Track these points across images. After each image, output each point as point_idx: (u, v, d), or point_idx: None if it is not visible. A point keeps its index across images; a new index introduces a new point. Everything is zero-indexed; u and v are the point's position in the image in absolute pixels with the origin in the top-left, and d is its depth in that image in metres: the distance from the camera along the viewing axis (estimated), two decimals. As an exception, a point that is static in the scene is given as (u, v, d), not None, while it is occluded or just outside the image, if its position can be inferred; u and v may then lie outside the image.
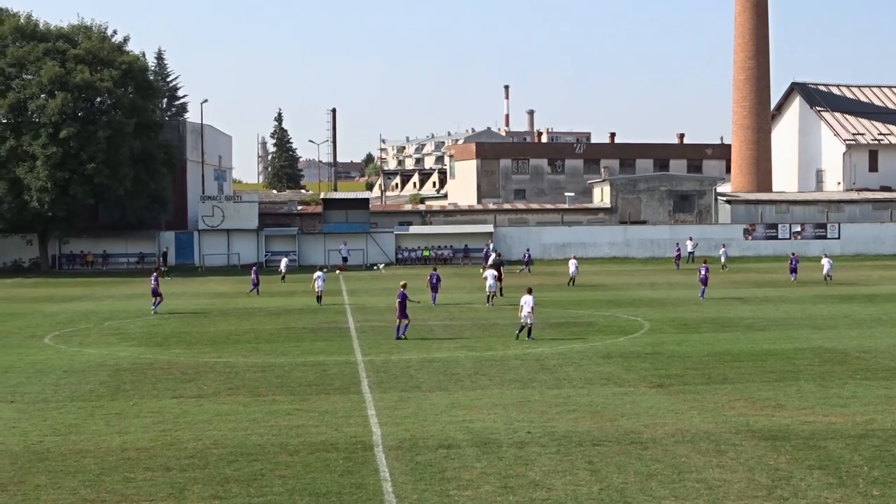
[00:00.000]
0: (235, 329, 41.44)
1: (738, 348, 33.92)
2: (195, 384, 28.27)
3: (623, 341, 36.13)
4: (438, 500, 16.73)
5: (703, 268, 53.41)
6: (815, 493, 16.90)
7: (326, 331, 40.59)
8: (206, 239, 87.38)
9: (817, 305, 48.13)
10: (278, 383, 28.23)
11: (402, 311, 37.34)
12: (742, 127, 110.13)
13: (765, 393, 25.88)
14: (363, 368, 30.60)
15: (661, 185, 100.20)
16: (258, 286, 58.27)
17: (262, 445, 20.68)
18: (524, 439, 20.92)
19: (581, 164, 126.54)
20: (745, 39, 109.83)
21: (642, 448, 20.08)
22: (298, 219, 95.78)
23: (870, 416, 22.96)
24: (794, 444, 20.31)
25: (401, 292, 37.67)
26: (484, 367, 30.63)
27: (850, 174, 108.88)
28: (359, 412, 24.03)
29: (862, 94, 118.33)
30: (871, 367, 29.86)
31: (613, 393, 26.16)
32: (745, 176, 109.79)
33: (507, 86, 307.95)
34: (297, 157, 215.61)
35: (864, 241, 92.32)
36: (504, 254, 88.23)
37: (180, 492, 17.48)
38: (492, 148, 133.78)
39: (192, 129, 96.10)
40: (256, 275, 58.75)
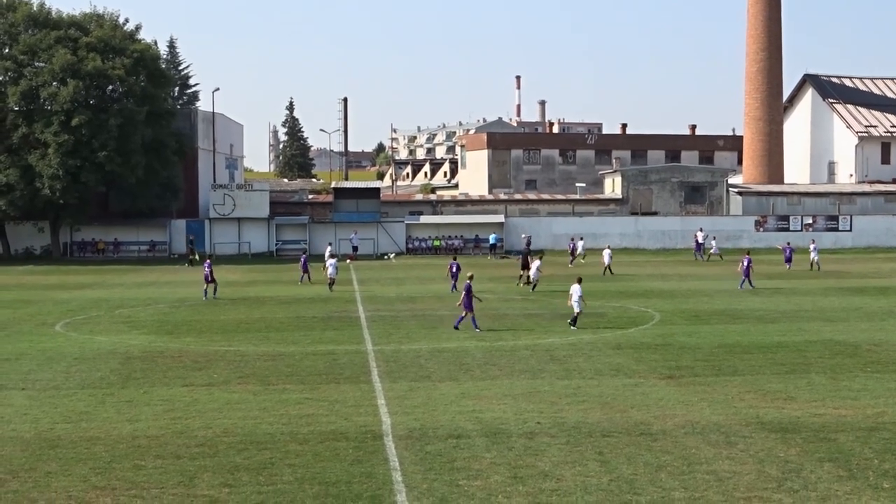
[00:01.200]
0: (246, 317, 41.49)
1: (748, 340, 33.86)
2: (206, 372, 28.32)
3: (633, 332, 36.10)
4: (448, 490, 16.75)
5: (745, 259, 53.66)
6: (825, 486, 16.88)
7: (337, 320, 40.62)
8: (217, 227, 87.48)
9: (828, 298, 48.02)
10: (288, 372, 28.27)
11: (468, 302, 37.06)
12: (754, 119, 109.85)
13: (775, 385, 25.83)
14: (373, 358, 30.62)
15: (672, 176, 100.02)
16: (309, 273, 58.28)
17: (272, 434, 20.71)
18: (534, 430, 20.92)
19: (592, 155, 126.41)
20: (757, 31, 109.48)
21: (652, 439, 20.06)
22: (309, 208, 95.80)
23: (880, 408, 22.92)
24: (804, 436, 20.28)
25: (468, 284, 37.34)
26: (494, 357, 30.63)
27: (863, 166, 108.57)
28: (369, 401, 24.04)
29: (875, 86, 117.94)
30: (881, 360, 29.79)
31: (623, 384, 26.14)
32: (757, 168, 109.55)
33: (518, 76, 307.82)
34: (308, 146, 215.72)
35: (875, 234, 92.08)
36: (515, 245, 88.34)
37: (190, 480, 17.52)
38: (503, 138, 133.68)
39: (204, 117, 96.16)
40: (306, 262, 58.76)
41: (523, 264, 57.19)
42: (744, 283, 52.65)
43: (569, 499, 16.25)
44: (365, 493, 16.63)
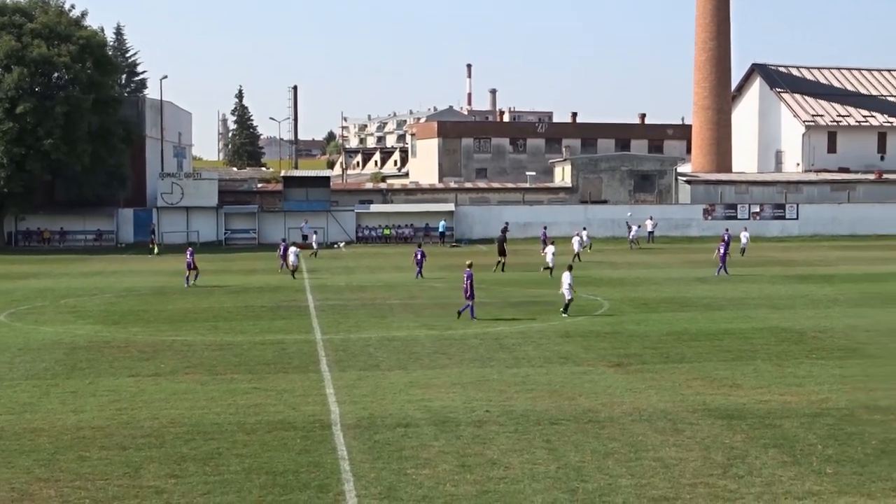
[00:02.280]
0: (194, 307, 41.21)
1: (696, 328, 34.10)
2: (152, 362, 28.10)
3: (582, 320, 36.23)
4: (396, 479, 16.72)
5: (722, 245, 54.83)
6: (770, 472, 17.02)
7: (286, 309, 40.45)
8: (164, 216, 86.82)
9: (775, 285, 48.47)
10: (236, 362, 28.11)
11: (470, 290, 36.95)
12: (703, 108, 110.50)
13: (722, 372, 26.03)
14: (322, 347, 30.52)
15: (622, 164, 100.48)
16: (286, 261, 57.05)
17: (220, 424, 20.59)
18: (482, 418, 20.94)
19: (543, 144, 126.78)
20: (706, 20, 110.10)
21: (600, 427, 20.15)
22: (259, 196, 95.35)
23: (825, 394, 23.15)
24: (749, 422, 20.45)
25: (469, 272, 37.27)
26: (443, 345, 30.64)
27: (809, 155, 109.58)
28: (317, 391, 23.96)
29: (821, 76, 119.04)
30: (826, 347, 30.11)
31: (572, 372, 26.23)
32: (706, 156, 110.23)
33: (469, 64, 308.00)
34: (257, 135, 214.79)
35: (821, 222, 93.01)
36: (465, 233, 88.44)
37: (136, 470, 17.37)
38: (453, 127, 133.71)
39: (152, 105, 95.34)
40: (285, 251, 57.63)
41: (500, 251, 58.18)
42: (720, 270, 53.48)
43: (517, 486, 16.28)
44: (312, 483, 16.57)
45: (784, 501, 15.51)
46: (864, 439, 19.05)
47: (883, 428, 19.93)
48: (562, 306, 37.74)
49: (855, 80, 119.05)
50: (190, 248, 53.48)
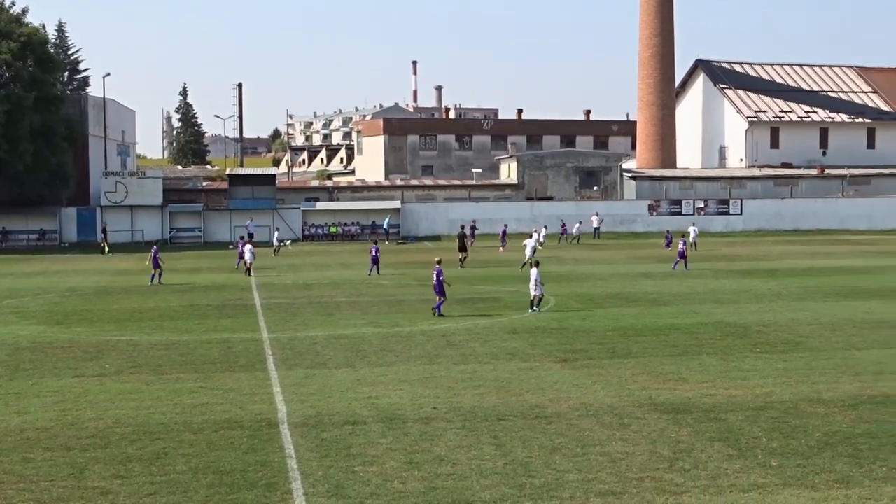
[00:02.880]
0: (139, 306, 40.87)
1: (641, 323, 34.31)
2: (97, 363, 27.83)
3: (529, 317, 36.33)
4: (343, 477, 16.68)
5: (681, 241, 55.76)
6: (716, 465, 17.16)
7: (232, 308, 40.23)
8: (109, 215, 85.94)
9: (719, 280, 48.88)
10: (182, 361, 27.91)
11: (440, 288, 36.93)
12: (647, 104, 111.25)
13: (667, 367, 26.22)
14: (269, 345, 30.39)
15: (567, 161, 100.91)
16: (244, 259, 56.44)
17: (166, 424, 20.43)
18: (430, 415, 20.94)
19: (489, 141, 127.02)
20: (649, 17, 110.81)
21: (547, 422, 20.21)
22: (204, 195, 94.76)
23: (769, 388, 23.38)
24: (695, 416, 20.60)
25: (438, 269, 37.30)
26: (390, 343, 30.61)
27: (753, 151, 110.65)
28: (264, 389, 23.85)
29: (764, 72, 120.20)
30: (770, 341, 30.41)
31: (519, 368, 26.30)
32: (651, 152, 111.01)
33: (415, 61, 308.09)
34: (202, 133, 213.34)
35: (765, 217, 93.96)
36: (412, 230, 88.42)
37: (81, 472, 17.20)
38: (399, 124, 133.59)
39: (95, 103, 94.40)
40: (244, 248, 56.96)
41: (460, 247, 59.29)
42: (677, 265, 54.18)
43: (464, 483, 16.29)
44: (260, 482, 16.49)
45: (730, 494, 15.65)
46: (808, 432, 19.26)
47: (826, 420, 20.16)
48: (528, 303, 37.81)
49: (797, 77, 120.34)
50: (155, 247, 53.24)
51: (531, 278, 37.63)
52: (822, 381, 24.23)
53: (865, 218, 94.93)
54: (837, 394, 22.66)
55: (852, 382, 24.00)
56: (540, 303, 37.66)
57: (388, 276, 52.82)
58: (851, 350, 28.74)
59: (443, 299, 37.05)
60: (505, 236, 74.72)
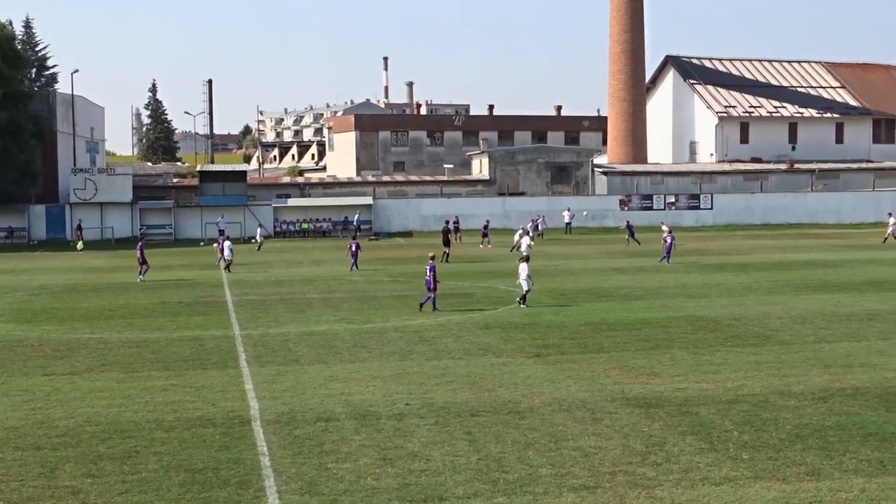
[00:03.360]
0: (109, 304, 40.66)
1: (613, 317, 34.40)
2: (67, 361, 27.67)
3: (501, 312, 36.38)
4: (316, 474, 16.65)
5: (669, 236, 55.98)
6: (688, 458, 17.23)
7: (203, 305, 40.08)
8: (78, 212, 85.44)
9: (690, 274, 49.06)
10: (153, 359, 27.79)
11: (433, 282, 36.97)
12: (618, 99, 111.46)
13: (639, 361, 26.30)
14: (240, 343, 30.29)
15: (538, 157, 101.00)
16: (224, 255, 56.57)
17: (137, 422, 20.33)
18: (403, 411, 20.93)
19: (460, 137, 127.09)
20: (620, 13, 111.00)
21: (520, 417, 20.24)
22: (174, 192, 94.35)
23: (740, 381, 23.49)
24: (667, 410, 20.68)
25: (432, 264, 37.44)
26: (363, 339, 30.57)
27: (723, 146, 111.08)
28: (236, 387, 23.78)
29: (733, 67, 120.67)
30: (741, 335, 30.55)
31: (491, 363, 26.32)
32: (622, 148, 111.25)
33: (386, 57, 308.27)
34: (172, 129, 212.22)
35: (735, 212, 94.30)
36: (384, 226, 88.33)
37: (52, 471, 17.09)
38: (370, 120, 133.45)
39: (63, 99, 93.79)
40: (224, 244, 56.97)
41: (444, 241, 60.52)
42: (664, 259, 54.81)
43: (438, 479, 16.30)
44: (232, 480, 16.44)
45: (702, 488, 15.72)
46: (779, 425, 19.37)
47: (796, 413, 20.28)
48: (518, 297, 37.89)
49: (766, 72, 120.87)
50: (140, 243, 53.09)
51: (521, 273, 37.59)
52: (793, 374, 24.38)
53: (834, 212, 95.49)
54: (808, 387, 22.80)
55: (822, 375, 24.16)
56: (525, 298, 37.65)
57: (360, 272, 52.76)
58: (821, 343, 28.93)
59: (433, 294, 37.04)
60: (487, 231, 74.39)
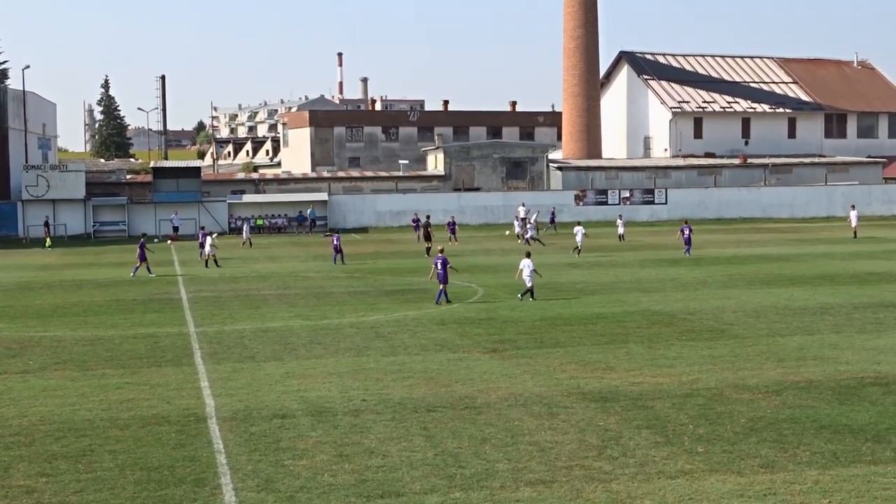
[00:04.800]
0: (62, 302, 40.32)
1: (569, 312, 34.52)
2: (20, 359, 27.40)
3: (457, 307, 36.40)
4: (273, 471, 16.60)
5: (685, 228, 57.24)
6: (644, 452, 17.32)
7: (158, 302, 39.83)
8: (30, 209, 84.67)
9: (645, 269, 49.31)
10: (108, 356, 27.58)
11: (444, 275, 37.23)
12: (572, 95, 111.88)
13: (595, 355, 26.41)
14: (196, 340, 30.13)
15: (493, 152, 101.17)
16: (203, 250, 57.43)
17: (91, 420, 20.17)
18: (359, 407, 20.90)
19: (415, 132, 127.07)
20: (573, 8, 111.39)
21: (476, 413, 20.27)
22: (128, 188, 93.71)
23: (695, 375, 23.64)
24: (623, 404, 20.78)
25: (443, 258, 37.81)
26: (319, 335, 30.50)
27: (676, 141, 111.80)
28: (192, 384, 23.65)
29: (687, 63, 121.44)
30: (696, 329, 30.75)
31: (448, 359, 26.34)
32: (576, 143, 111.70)
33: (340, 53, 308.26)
34: (125, 125, 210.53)
35: (689, 206, 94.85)
36: (339, 222, 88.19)
37: (5, 470, 16.92)
38: (325, 115, 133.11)
39: (14, 95, 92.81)
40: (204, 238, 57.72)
41: (426, 237, 61.81)
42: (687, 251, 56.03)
43: (395, 475, 16.29)
44: (188, 477, 16.35)
45: (657, 481, 15.80)
46: (734, 418, 19.51)
47: (751, 406, 20.44)
48: (521, 293, 38.00)
49: (720, 67, 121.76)
50: (142, 240, 52.90)
51: (526, 269, 37.79)
52: (747, 367, 24.57)
53: (787, 206, 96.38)
54: (762, 380, 22.99)
55: (776, 369, 24.36)
56: (525, 294, 37.86)
57: (315, 268, 52.62)
58: (775, 336, 29.17)
59: (444, 286, 37.48)
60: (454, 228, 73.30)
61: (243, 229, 74.59)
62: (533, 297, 37.75)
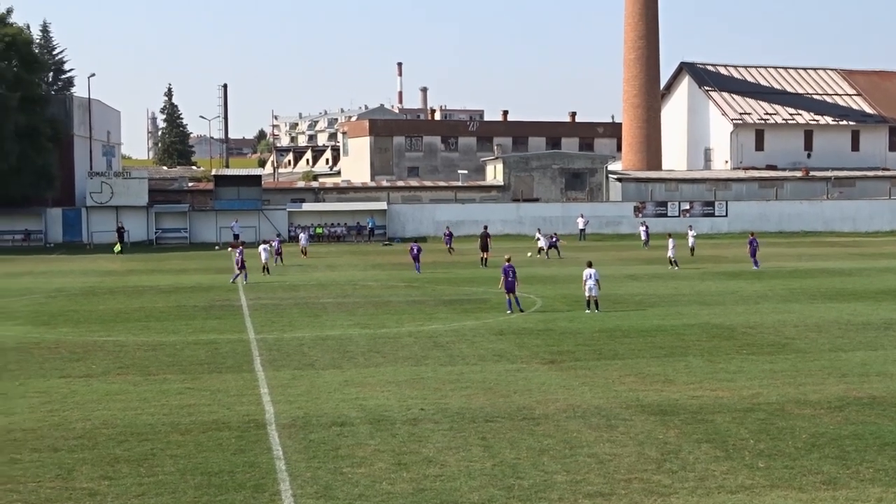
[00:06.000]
0: (125, 307, 40.78)
1: (628, 324, 34.35)
2: (84, 363, 27.76)
3: (515, 318, 36.35)
4: (332, 478, 16.67)
5: (752, 240, 57.66)
6: (703, 466, 17.20)
7: (219, 309, 40.16)
8: (94, 216, 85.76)
9: (705, 282, 48.96)
10: (169, 362, 27.86)
11: (512, 284, 37.70)
12: (632, 105, 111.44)
13: (654, 368, 26.26)
14: (256, 346, 30.35)
15: (553, 163, 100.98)
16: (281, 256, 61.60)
17: (153, 425, 20.39)
18: (417, 416, 20.94)
19: (474, 142, 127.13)
20: (635, 19, 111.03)
21: (534, 424, 20.23)
22: (189, 195, 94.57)
23: (755, 389, 23.43)
24: (682, 418, 20.64)
25: (511, 266, 38.14)
26: (377, 344, 30.60)
27: (737, 153, 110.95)
28: (251, 390, 23.82)
29: (749, 75, 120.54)
30: (756, 342, 30.48)
31: (506, 369, 26.32)
32: (636, 154, 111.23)
33: (400, 63, 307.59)
34: (187, 133, 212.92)
35: (750, 219, 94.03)
36: (398, 231, 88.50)
37: (68, 473, 17.15)
38: (385, 125, 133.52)
39: (80, 103, 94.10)
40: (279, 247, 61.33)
41: (483, 247, 60.23)
42: (757, 263, 56.22)
43: (452, 484, 16.30)
44: (248, 483, 16.47)
45: (717, 496, 15.68)
46: (795, 433, 19.31)
47: (812, 422, 20.23)
48: (587, 305, 38.05)
49: (782, 79, 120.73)
50: (241, 247, 53.94)
51: (590, 279, 37.71)
52: (809, 382, 24.31)
53: (850, 220, 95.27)
54: (824, 395, 22.74)
55: (839, 384, 24.09)
56: (598, 305, 37.83)
57: (374, 277, 52.81)
58: (837, 352, 28.84)
59: (510, 296, 37.72)
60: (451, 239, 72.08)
61: (300, 238, 74.75)
62: (597, 307, 37.63)
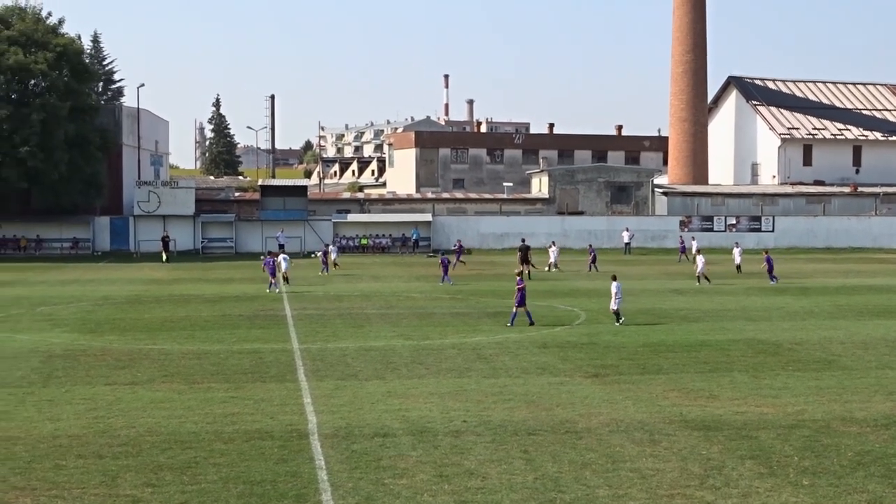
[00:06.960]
0: (170, 316, 41.08)
1: (672, 339, 34.19)
2: (129, 371, 28.00)
3: (559, 331, 36.29)
4: (373, 489, 16.71)
5: (767, 258, 57.90)
6: (747, 483, 17.09)
7: (263, 318, 40.36)
8: (141, 225, 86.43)
9: (751, 297, 48.64)
10: (213, 371, 28.04)
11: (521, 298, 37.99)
12: (679, 119, 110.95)
13: (698, 383, 26.12)
14: (299, 356, 30.47)
15: (598, 176, 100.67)
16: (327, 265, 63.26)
17: (197, 433, 20.53)
18: (460, 428, 20.94)
19: (520, 155, 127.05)
20: (682, 33, 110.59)
21: (577, 437, 20.18)
22: (236, 205, 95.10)
23: (801, 406, 23.25)
24: (726, 434, 20.52)
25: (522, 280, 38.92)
26: (420, 356, 30.64)
27: (785, 168, 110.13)
28: (294, 400, 23.93)
29: (797, 89, 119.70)
30: (802, 359, 30.24)
31: (549, 383, 26.27)
32: (682, 168, 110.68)
33: (446, 75, 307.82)
34: (234, 144, 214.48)
35: (797, 235, 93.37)
36: (442, 243, 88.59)
37: (112, 479, 17.30)
38: (431, 137, 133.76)
39: (129, 113, 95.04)
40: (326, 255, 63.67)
41: (524, 259, 60.36)
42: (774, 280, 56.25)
43: (494, 497, 16.29)
44: (290, 492, 16.54)
45: (760, 512, 15.58)
46: (840, 451, 19.15)
47: (858, 440, 20.05)
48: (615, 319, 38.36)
49: (830, 94, 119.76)
50: (272, 258, 54.48)
51: (619, 291, 38.19)
52: (855, 399, 24.10)
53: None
54: (870, 413, 22.53)
55: (885, 402, 23.86)
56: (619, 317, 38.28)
57: (418, 288, 52.87)
58: (885, 369, 28.57)
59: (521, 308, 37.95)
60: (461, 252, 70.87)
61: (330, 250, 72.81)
62: (619, 319, 37.83)
